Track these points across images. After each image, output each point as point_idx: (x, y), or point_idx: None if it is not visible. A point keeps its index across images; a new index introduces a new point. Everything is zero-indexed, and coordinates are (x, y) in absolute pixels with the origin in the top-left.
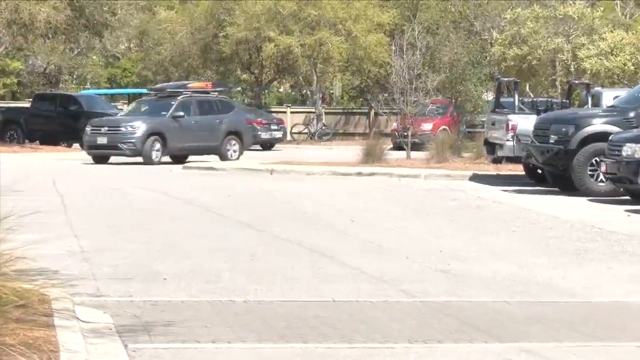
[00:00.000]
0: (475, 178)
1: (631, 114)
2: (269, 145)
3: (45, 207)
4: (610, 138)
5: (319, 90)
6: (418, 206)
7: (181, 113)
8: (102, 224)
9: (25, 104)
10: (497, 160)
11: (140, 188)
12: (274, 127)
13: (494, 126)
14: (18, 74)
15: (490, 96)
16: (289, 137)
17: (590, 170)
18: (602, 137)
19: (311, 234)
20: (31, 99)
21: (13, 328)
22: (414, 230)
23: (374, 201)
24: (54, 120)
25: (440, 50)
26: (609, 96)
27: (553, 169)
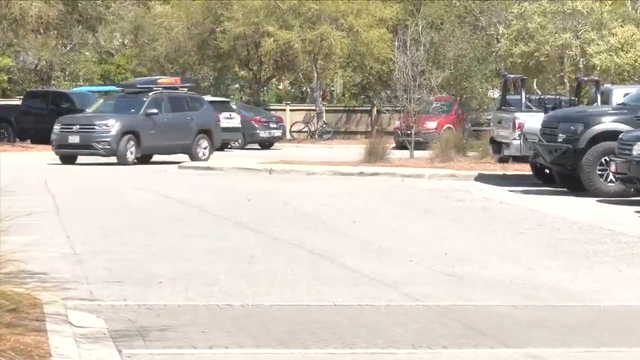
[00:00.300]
0: (480, 178)
1: None
2: (268, 144)
3: (37, 207)
4: (620, 137)
5: (320, 88)
6: (422, 207)
7: (155, 110)
8: (95, 225)
9: (16, 101)
10: (504, 160)
11: (135, 188)
12: (272, 125)
13: (500, 124)
14: (9, 70)
15: (496, 93)
16: (288, 136)
17: (599, 170)
18: (611, 135)
19: (311, 235)
20: (22, 97)
21: (3, 333)
22: (417, 232)
23: (376, 202)
24: (46, 118)
25: (445, 46)
26: (619, 93)
27: (561, 168)
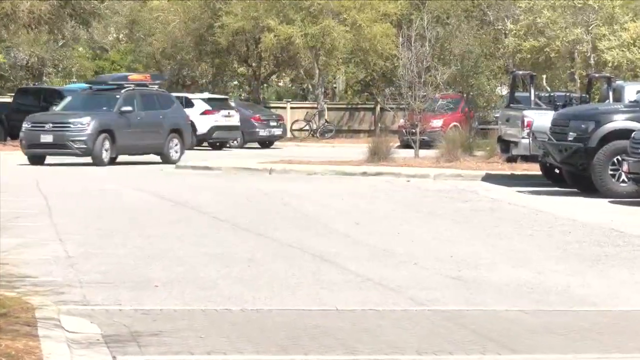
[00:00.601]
0: (488, 178)
1: None
2: (268, 143)
3: (28, 209)
4: (632, 135)
5: (321, 85)
6: (427, 208)
7: (129, 108)
8: (89, 227)
9: (7, 98)
10: (512, 159)
11: (131, 189)
12: (273, 123)
13: (508, 122)
14: None
15: (504, 90)
16: (289, 135)
17: (611, 170)
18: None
19: (313, 237)
20: (13, 94)
21: None
22: (422, 234)
23: (379, 203)
24: None
25: (451, 42)
26: (632, 90)
27: (572, 168)
